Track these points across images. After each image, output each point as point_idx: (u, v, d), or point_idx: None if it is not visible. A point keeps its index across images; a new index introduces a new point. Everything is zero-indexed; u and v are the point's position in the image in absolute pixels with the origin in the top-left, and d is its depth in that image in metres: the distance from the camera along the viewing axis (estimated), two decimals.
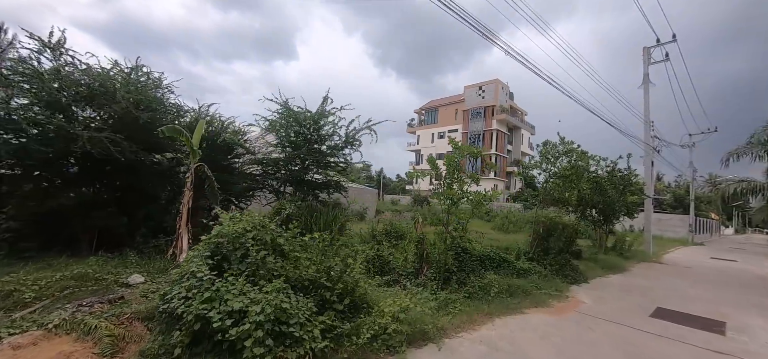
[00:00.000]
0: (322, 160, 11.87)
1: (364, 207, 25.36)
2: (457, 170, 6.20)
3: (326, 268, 4.49)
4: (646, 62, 15.90)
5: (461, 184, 6.21)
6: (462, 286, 6.40)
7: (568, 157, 8.62)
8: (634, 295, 7.47)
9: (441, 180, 6.54)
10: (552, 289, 7.04)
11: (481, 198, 6.22)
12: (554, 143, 8.98)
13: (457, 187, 6.21)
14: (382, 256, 7.35)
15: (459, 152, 6.27)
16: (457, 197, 6.16)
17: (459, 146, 6.11)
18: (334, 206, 12.05)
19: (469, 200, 6.28)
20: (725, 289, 8.97)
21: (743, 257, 17.91)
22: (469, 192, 6.27)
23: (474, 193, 6.27)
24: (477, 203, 6.28)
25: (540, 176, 8.96)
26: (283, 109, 11.22)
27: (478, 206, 6.28)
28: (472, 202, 6.30)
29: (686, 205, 32.37)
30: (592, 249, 13.15)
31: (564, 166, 8.65)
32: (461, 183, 6.26)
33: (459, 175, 6.23)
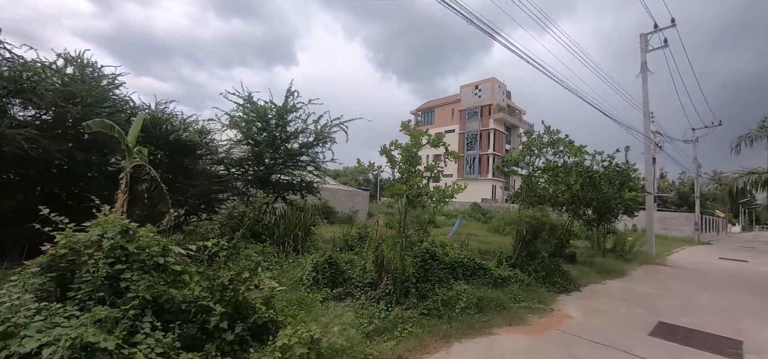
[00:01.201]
0: (290, 159, 10.90)
1: (355, 210, 24.35)
2: (414, 163, 5.16)
3: (220, 285, 3.45)
4: (643, 50, 14.84)
5: (418, 179, 5.17)
6: (423, 300, 5.36)
7: (554, 148, 7.57)
8: (633, 306, 6.38)
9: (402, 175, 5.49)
10: (534, 301, 5.97)
11: (441, 195, 5.18)
12: (539, 133, 7.93)
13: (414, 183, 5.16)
14: (334, 264, 6.30)
15: (416, 141, 5.23)
16: (414, 194, 5.12)
17: (416, 132, 5.08)
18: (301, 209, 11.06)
19: (429, 197, 5.23)
20: (738, 295, 7.85)
21: (754, 256, 16.71)
22: (427, 188, 5.24)
23: (433, 190, 5.22)
24: (438, 201, 5.23)
25: (522, 171, 7.90)
26: (246, 103, 10.26)
27: (440, 204, 5.24)
28: (433, 200, 5.26)
29: (691, 203, 31.13)
30: (589, 252, 12.06)
31: (549, 159, 7.60)
32: (419, 178, 5.22)
33: (417, 169, 5.19)
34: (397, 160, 5.28)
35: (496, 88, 47.41)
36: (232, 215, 8.57)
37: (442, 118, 53.64)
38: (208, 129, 11.72)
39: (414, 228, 5.61)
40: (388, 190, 5.24)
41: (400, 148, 5.27)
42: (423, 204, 5.48)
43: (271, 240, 8.96)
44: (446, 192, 5.11)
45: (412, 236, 5.56)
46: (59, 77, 8.28)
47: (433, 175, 5.32)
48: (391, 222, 5.58)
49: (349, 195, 26.79)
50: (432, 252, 6.53)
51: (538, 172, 7.44)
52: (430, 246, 6.75)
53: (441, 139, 5.24)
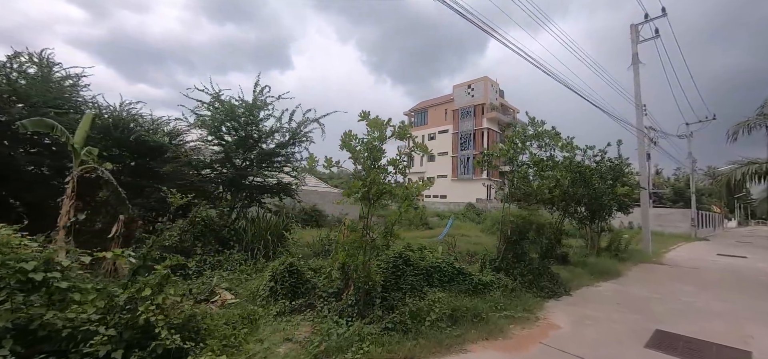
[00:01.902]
0: (265, 160, 10.24)
1: (344, 212, 23.68)
2: (376, 158, 4.54)
3: (115, 306, 2.81)
4: (634, 41, 14.35)
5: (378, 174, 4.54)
6: (390, 312, 4.73)
7: (538, 141, 6.98)
8: (627, 311, 5.78)
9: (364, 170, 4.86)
10: (518, 309, 5.35)
11: (408, 193, 4.57)
12: (523, 125, 7.35)
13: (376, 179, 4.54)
14: (295, 273, 5.66)
15: (379, 135, 4.60)
16: (374, 192, 4.50)
17: (374, 122, 4.46)
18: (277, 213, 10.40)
19: (392, 195, 4.61)
20: (740, 296, 7.28)
21: (752, 252, 16.23)
22: (390, 185, 4.62)
23: (397, 186, 4.60)
24: (405, 198, 4.61)
25: (505, 167, 7.30)
26: (214, 100, 9.61)
27: (407, 202, 4.61)
28: (399, 199, 4.64)
29: (687, 199, 30.73)
30: (582, 251, 11.48)
31: (533, 153, 7.00)
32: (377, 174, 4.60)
33: (378, 164, 4.57)
34: (359, 152, 4.65)
35: (488, 87, 46.97)
36: (194, 221, 7.90)
37: (435, 118, 53.14)
38: (179, 130, 11.07)
39: (380, 232, 4.99)
40: (348, 190, 4.61)
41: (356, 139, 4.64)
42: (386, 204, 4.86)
43: (240, 246, 8.33)
44: (411, 189, 4.49)
45: (378, 240, 4.93)
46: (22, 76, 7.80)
47: (399, 169, 4.70)
48: (353, 225, 4.96)
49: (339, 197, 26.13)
50: (405, 257, 5.91)
51: (523, 166, 6.84)
52: (403, 250, 6.14)
53: (406, 130, 4.62)
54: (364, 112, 4.50)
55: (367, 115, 4.47)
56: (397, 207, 4.70)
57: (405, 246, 6.44)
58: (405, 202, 4.57)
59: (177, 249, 7.34)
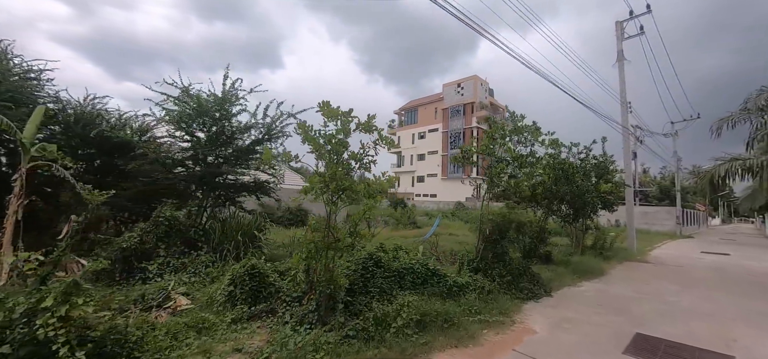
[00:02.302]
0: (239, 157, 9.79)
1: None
2: (338, 151, 4.17)
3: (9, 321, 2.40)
4: (619, 38, 14.24)
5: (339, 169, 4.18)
6: (353, 317, 4.38)
7: (518, 136, 6.70)
8: (608, 313, 5.52)
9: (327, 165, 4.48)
10: (494, 313, 5.05)
11: (375, 189, 4.22)
12: (503, 120, 7.07)
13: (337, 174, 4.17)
14: (257, 275, 5.27)
15: (343, 127, 4.23)
16: (335, 188, 4.14)
17: (332, 111, 4.08)
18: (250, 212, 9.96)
19: (354, 192, 4.25)
20: (724, 295, 7.11)
21: (736, 249, 16.29)
22: (353, 181, 4.26)
23: (359, 183, 4.24)
24: (369, 196, 4.26)
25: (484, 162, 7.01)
26: (183, 94, 9.13)
27: (371, 200, 4.27)
28: (365, 195, 4.28)
29: (672, 197, 31.06)
30: (567, 250, 11.29)
31: (512, 148, 6.72)
32: (344, 169, 4.24)
33: (341, 159, 4.20)
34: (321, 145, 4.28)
35: (478, 86, 46.93)
36: (157, 221, 7.43)
37: (425, 117, 52.95)
38: (149, 127, 10.55)
39: (345, 231, 4.63)
40: (308, 186, 4.23)
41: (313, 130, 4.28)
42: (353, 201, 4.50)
43: (209, 247, 7.89)
44: (374, 186, 4.14)
45: (344, 240, 4.56)
46: None
47: (362, 165, 4.34)
48: (315, 224, 4.59)
49: None
50: (376, 259, 5.57)
51: (501, 162, 6.54)
52: (375, 250, 5.80)
53: (371, 121, 4.26)
54: (323, 102, 4.13)
55: (326, 105, 4.10)
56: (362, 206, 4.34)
57: (377, 246, 6.09)
58: (369, 200, 4.22)
59: (136, 252, 6.90)
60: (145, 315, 4.61)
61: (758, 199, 29.11)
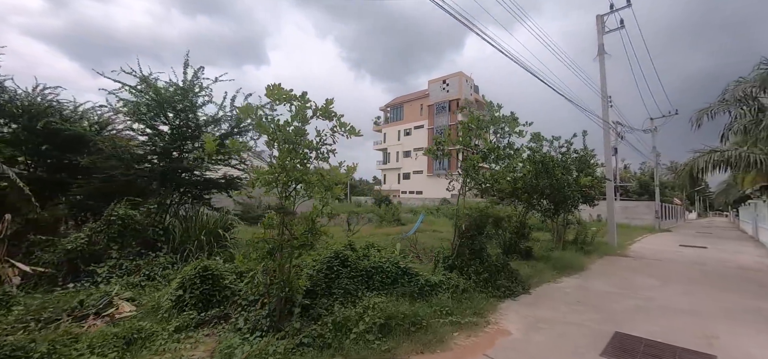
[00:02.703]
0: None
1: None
2: (290, 139, 3.74)
3: None
4: (600, 32, 14.17)
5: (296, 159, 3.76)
6: (313, 322, 3.98)
7: (495, 127, 6.40)
8: (587, 311, 5.27)
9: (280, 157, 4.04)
10: (467, 313, 4.72)
11: (331, 181, 3.81)
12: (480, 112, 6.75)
13: (290, 165, 3.74)
14: (210, 277, 4.80)
15: (299, 113, 3.80)
16: (286, 180, 3.71)
17: (282, 93, 3.64)
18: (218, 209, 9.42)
19: (309, 184, 3.84)
20: (704, 289, 6.99)
21: (712, 242, 16.56)
22: (307, 171, 3.84)
23: (313, 174, 3.82)
24: (327, 188, 3.85)
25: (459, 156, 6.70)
26: (141, 84, 8.50)
27: (328, 191, 3.86)
28: (320, 188, 3.86)
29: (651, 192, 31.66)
30: (548, 245, 11.12)
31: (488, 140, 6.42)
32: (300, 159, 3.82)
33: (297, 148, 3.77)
34: (273, 132, 3.84)
35: (463, 82, 46.90)
36: (109, 220, 6.84)
37: (411, 113, 52.70)
38: (108, 120, 9.84)
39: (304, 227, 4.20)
40: (259, 178, 3.79)
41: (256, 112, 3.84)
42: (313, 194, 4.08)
43: (169, 248, 7.36)
44: (327, 178, 3.74)
45: (301, 237, 4.14)
46: None
47: (319, 154, 3.93)
48: (269, 221, 4.15)
49: None
50: (343, 257, 5.16)
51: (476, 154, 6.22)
52: (342, 248, 5.39)
53: (329, 107, 3.85)
54: (272, 85, 3.69)
55: (277, 88, 3.66)
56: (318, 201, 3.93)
57: (346, 244, 5.69)
58: (325, 193, 3.81)
59: (84, 254, 6.31)
60: (75, 325, 4.10)
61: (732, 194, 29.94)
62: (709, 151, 7.81)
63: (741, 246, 15.12)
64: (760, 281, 7.93)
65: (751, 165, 6.92)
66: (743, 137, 8.49)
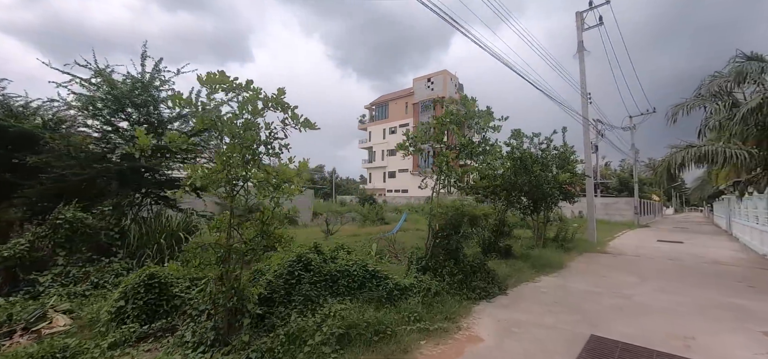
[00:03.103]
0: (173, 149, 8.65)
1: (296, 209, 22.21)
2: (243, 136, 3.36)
3: None
4: (579, 28, 14.18)
5: (240, 155, 3.37)
6: (265, 333, 3.62)
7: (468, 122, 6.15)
8: (563, 312, 5.06)
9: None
10: (438, 319, 4.43)
11: (280, 179, 3.44)
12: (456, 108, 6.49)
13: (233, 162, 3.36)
14: (157, 286, 4.36)
15: (249, 103, 3.42)
16: (227, 178, 3.33)
17: (218, 78, 3.25)
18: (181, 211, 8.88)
19: (257, 183, 3.47)
20: (680, 286, 6.92)
21: (688, 237, 16.86)
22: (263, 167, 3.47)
23: (259, 172, 3.44)
24: (276, 186, 3.49)
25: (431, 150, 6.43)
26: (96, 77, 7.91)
27: (278, 192, 3.49)
28: (271, 187, 3.50)
29: (631, 188, 32.29)
30: (529, 243, 11.00)
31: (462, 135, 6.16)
32: (248, 154, 3.43)
33: (244, 143, 3.38)
34: (213, 124, 3.45)
35: (448, 80, 46.91)
36: (55, 224, 6.27)
37: (396, 111, 52.46)
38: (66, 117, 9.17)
39: (255, 231, 3.82)
40: (203, 178, 3.39)
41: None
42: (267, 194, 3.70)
43: (126, 252, 6.84)
44: (273, 176, 3.37)
45: (253, 242, 3.76)
46: None
47: (271, 150, 3.56)
48: (216, 223, 3.76)
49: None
50: (306, 261, 4.80)
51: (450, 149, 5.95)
52: (306, 251, 5.03)
53: (281, 97, 3.48)
54: (210, 73, 3.29)
55: (221, 75, 3.27)
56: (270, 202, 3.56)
57: (311, 247, 5.32)
58: (276, 193, 3.44)
59: (24, 261, 5.75)
60: None
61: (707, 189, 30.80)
62: (687, 146, 7.77)
63: (715, 241, 15.42)
64: (734, 275, 7.95)
65: (727, 159, 6.88)
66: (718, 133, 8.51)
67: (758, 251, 11.59)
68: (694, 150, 7.40)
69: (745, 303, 5.64)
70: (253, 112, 3.61)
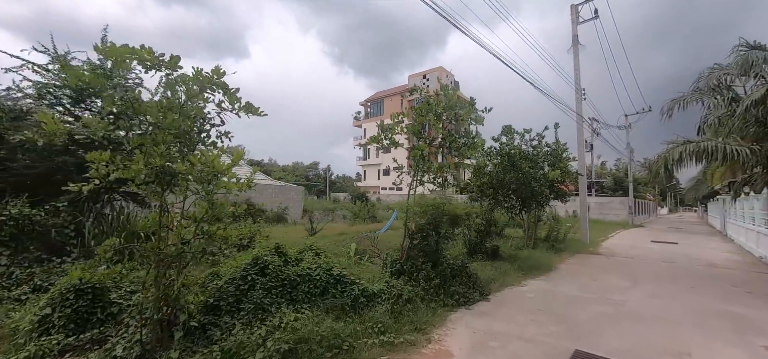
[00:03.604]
0: None
1: (283, 207, 21.70)
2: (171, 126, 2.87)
3: None
4: (574, 22, 13.75)
5: (169, 147, 2.89)
6: (204, 347, 3.15)
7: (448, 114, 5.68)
8: (548, 322, 4.62)
9: None
10: (406, 329, 3.98)
11: (209, 172, 2.95)
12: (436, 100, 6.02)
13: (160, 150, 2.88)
14: (89, 292, 3.87)
15: (181, 81, 2.95)
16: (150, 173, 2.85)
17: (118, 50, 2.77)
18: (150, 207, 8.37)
19: (183, 176, 2.98)
20: (674, 290, 6.52)
21: (682, 238, 16.55)
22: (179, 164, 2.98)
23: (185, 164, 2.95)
24: (204, 181, 3.01)
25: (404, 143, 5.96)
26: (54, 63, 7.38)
27: (208, 186, 3.02)
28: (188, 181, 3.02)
29: (625, 188, 32.01)
30: (519, 243, 10.58)
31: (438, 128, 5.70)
32: (172, 142, 2.95)
33: (166, 129, 2.90)
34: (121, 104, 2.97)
35: (444, 77, 46.41)
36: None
37: (391, 108, 51.89)
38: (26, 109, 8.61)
39: (197, 231, 3.34)
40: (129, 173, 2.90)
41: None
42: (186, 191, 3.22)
43: (81, 252, 6.35)
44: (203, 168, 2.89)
45: (193, 244, 3.28)
46: None
47: (203, 137, 3.08)
48: (145, 223, 3.28)
49: (279, 191, 23.97)
50: (263, 264, 4.32)
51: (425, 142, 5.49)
52: (264, 253, 4.55)
53: (217, 76, 2.99)
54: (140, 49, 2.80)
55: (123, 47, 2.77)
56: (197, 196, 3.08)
57: (273, 248, 4.84)
58: (205, 187, 2.96)
59: None
60: None
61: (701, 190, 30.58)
62: (684, 141, 7.35)
63: (710, 242, 15.11)
64: (730, 279, 7.57)
65: (727, 156, 6.48)
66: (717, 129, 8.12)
67: (754, 253, 11.26)
68: (693, 145, 6.99)
69: (744, 311, 5.24)
70: (189, 94, 3.13)
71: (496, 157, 8.26)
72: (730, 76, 7.43)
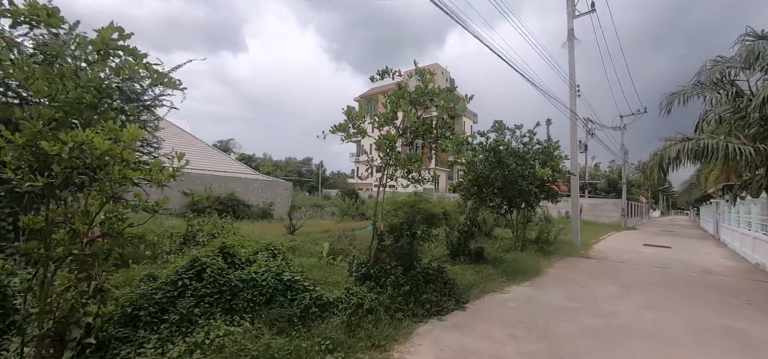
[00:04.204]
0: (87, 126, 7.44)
1: (270, 202, 21.06)
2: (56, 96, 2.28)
3: None
4: (570, 15, 13.21)
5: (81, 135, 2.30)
6: None
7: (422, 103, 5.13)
8: (528, 338, 4.08)
9: None
10: (362, 345, 3.42)
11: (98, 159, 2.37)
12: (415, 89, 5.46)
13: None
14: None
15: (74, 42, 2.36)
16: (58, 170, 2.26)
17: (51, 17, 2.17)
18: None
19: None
20: (669, 300, 6.02)
21: (675, 242, 16.17)
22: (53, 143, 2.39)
23: (57, 144, 2.35)
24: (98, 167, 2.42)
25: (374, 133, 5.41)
26: None
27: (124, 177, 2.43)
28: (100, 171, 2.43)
29: (619, 189, 31.75)
30: (507, 245, 10.07)
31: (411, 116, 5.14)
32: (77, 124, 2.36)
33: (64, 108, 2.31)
34: None
35: (439, 74, 45.81)
36: None
37: None
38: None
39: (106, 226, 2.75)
40: None
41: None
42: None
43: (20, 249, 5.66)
44: (88, 150, 2.30)
45: (106, 244, 2.69)
46: None
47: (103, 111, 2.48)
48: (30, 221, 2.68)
49: (266, 186, 23.29)
50: (200, 266, 3.72)
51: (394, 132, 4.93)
52: (204, 254, 3.95)
53: (138, 61, 2.40)
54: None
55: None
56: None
57: (219, 247, 4.24)
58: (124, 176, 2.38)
59: None
60: None
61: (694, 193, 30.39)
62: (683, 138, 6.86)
63: (703, 246, 14.73)
64: (728, 288, 7.10)
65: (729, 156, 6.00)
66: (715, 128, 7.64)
67: (749, 259, 10.85)
68: (692, 143, 6.50)
69: (746, 326, 4.74)
70: (87, 60, 2.53)
71: (482, 153, 7.72)
72: (734, 69, 6.95)
